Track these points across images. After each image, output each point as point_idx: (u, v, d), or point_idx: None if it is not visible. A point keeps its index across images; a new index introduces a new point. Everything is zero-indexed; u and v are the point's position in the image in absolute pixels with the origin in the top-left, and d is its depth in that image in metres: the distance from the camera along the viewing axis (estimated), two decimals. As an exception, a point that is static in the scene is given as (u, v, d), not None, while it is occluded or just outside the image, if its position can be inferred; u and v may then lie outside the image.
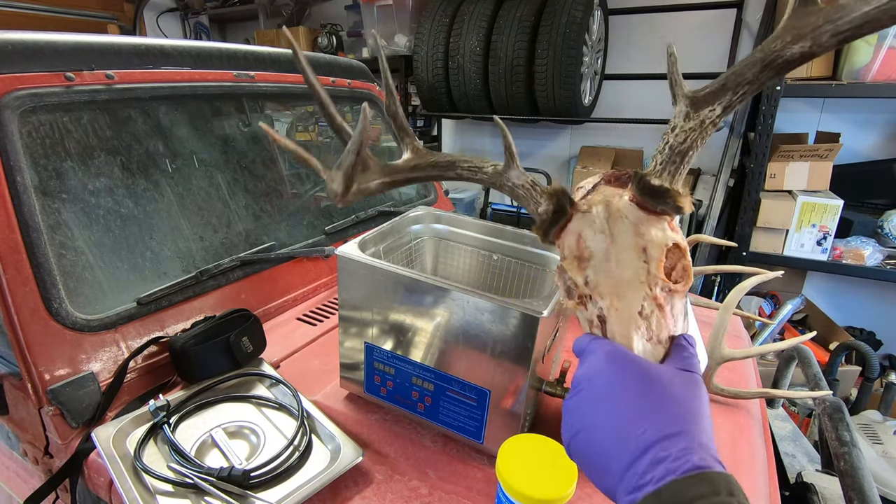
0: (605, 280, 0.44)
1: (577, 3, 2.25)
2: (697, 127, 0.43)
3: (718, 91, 0.42)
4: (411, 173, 0.53)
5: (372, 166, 0.51)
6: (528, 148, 3.29)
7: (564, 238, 0.47)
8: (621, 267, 0.44)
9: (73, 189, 0.82)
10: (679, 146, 0.43)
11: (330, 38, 3.35)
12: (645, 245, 0.44)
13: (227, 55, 1.12)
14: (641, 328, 0.43)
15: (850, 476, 0.77)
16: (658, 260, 0.43)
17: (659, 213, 0.44)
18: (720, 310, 0.82)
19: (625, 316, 0.43)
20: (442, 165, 0.53)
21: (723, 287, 2.41)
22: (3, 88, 0.74)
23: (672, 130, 0.44)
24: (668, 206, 0.42)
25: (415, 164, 0.53)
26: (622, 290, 0.43)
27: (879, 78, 1.92)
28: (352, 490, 0.66)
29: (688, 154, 0.43)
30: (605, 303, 0.44)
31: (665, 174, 0.43)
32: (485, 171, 0.52)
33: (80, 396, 0.73)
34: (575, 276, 0.46)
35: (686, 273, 0.45)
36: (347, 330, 0.75)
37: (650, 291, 0.43)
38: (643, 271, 0.43)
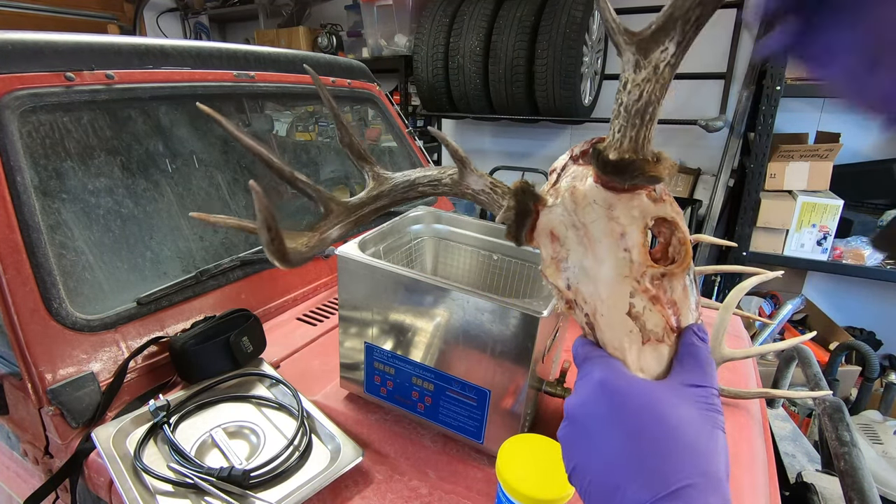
0: (586, 281, 0.39)
1: (577, 3, 2.25)
2: (652, 76, 0.35)
3: (667, 23, 0.34)
4: (376, 203, 0.50)
5: (334, 208, 0.47)
6: (528, 148, 3.29)
7: (538, 238, 0.42)
8: (600, 262, 0.38)
9: (73, 189, 0.82)
10: (634, 104, 0.35)
11: (330, 38, 3.35)
12: (622, 230, 0.37)
13: (227, 55, 1.12)
14: (634, 332, 0.37)
15: (850, 476, 0.77)
16: (640, 245, 0.37)
17: (631, 190, 0.37)
18: (720, 310, 0.82)
19: (613, 322, 0.37)
20: (403, 187, 0.49)
21: (723, 287, 2.41)
22: (3, 88, 0.74)
23: (624, 87, 0.36)
24: (638, 178, 0.36)
25: (377, 192, 0.50)
26: (605, 291, 0.38)
27: (879, 78, 1.92)
28: (352, 490, 0.66)
29: (647, 111, 0.35)
30: (590, 308, 0.39)
31: (626, 142, 0.36)
32: (444, 183, 0.48)
33: (80, 396, 0.73)
34: (555, 280, 0.41)
35: (683, 247, 0.38)
36: (347, 330, 0.75)
37: (638, 284, 0.37)
38: (625, 262, 0.37)
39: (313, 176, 1.49)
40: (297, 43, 3.51)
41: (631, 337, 0.37)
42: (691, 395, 0.34)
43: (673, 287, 0.38)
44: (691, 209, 2.44)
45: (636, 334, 0.37)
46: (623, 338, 0.37)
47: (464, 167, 0.46)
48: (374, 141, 1.76)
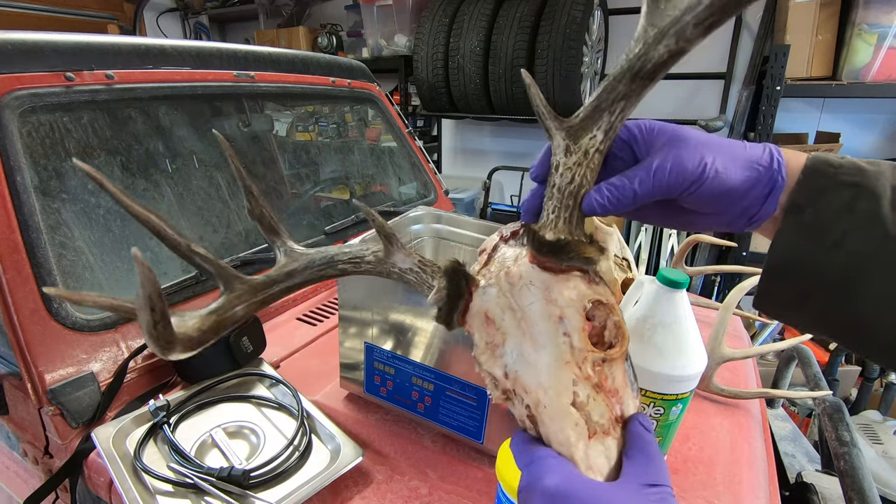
0: (525, 369, 0.36)
1: (577, 3, 2.25)
2: (582, 160, 0.37)
3: (593, 113, 0.37)
4: (286, 282, 0.44)
5: (237, 286, 0.42)
6: (528, 148, 3.29)
7: (471, 321, 0.40)
8: (539, 347, 0.36)
9: (73, 189, 0.82)
10: (567, 186, 0.37)
11: (330, 38, 3.35)
12: (560, 313, 0.36)
13: (227, 55, 1.12)
14: (580, 424, 0.34)
15: (850, 476, 0.77)
16: (579, 329, 0.35)
17: (567, 270, 0.36)
18: (720, 310, 0.82)
19: (556, 413, 0.34)
20: (320, 264, 0.45)
21: (723, 287, 2.41)
22: (3, 88, 0.74)
23: (556, 170, 0.38)
24: (574, 260, 0.36)
25: (289, 270, 0.44)
26: (547, 379, 0.35)
27: (879, 78, 1.92)
28: (352, 490, 0.66)
29: (580, 193, 0.37)
30: (531, 399, 0.36)
31: (560, 223, 0.37)
32: (367, 261, 0.44)
33: (80, 396, 0.73)
34: (491, 368, 0.38)
35: (620, 331, 0.37)
36: (347, 330, 0.75)
37: (580, 371, 0.35)
38: (566, 347, 0.35)
39: (313, 176, 1.49)
40: (297, 43, 3.51)
41: (577, 430, 0.34)
42: (650, 497, 0.32)
43: (613, 374, 0.36)
44: (691, 209, 2.43)
45: (582, 427, 0.34)
46: (569, 431, 0.34)
47: (389, 244, 0.42)
48: (374, 141, 1.76)
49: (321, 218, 1.30)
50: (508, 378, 0.37)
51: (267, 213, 0.46)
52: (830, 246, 0.35)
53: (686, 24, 0.33)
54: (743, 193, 0.37)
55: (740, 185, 0.37)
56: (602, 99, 0.36)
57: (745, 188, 0.37)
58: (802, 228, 0.36)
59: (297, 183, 1.44)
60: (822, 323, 0.38)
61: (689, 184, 0.36)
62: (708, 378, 0.84)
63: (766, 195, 0.37)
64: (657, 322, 0.61)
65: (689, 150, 0.37)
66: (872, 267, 0.34)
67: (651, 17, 0.35)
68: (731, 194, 0.37)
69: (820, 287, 0.36)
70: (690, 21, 0.32)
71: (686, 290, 0.62)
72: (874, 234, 0.33)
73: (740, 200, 0.38)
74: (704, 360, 0.63)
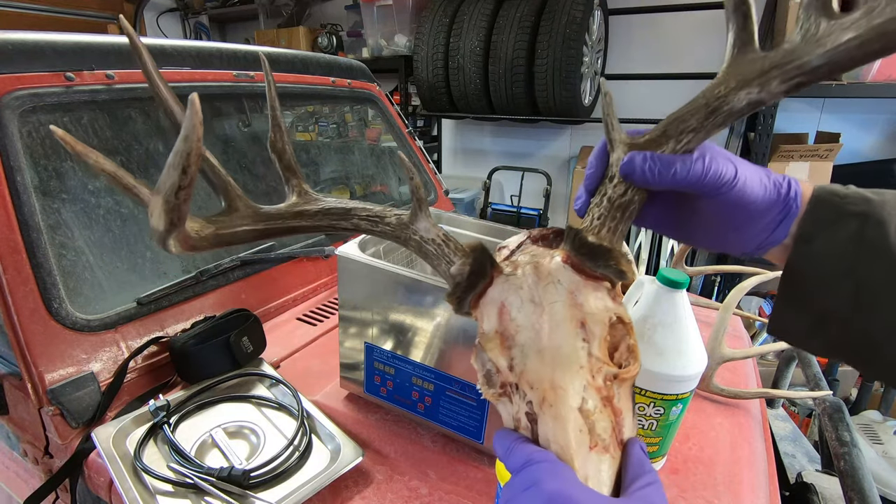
0: (536, 364, 0.35)
1: (577, 3, 2.25)
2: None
3: (660, 138, 0.37)
4: (294, 221, 0.43)
5: (241, 207, 0.41)
6: (528, 148, 3.29)
7: (483, 308, 0.39)
8: (556, 347, 0.34)
9: (73, 189, 0.82)
10: (619, 199, 0.37)
11: (330, 38, 3.35)
12: (583, 318, 0.35)
13: (227, 55, 1.12)
14: (584, 431, 0.33)
15: (850, 476, 0.77)
16: (601, 338, 0.35)
17: (598, 278, 0.36)
18: (720, 310, 0.82)
19: (562, 416, 0.33)
20: (335, 213, 0.43)
21: (723, 287, 2.41)
22: (3, 88, 0.74)
23: (611, 181, 0.38)
24: (610, 269, 0.35)
25: (299, 210, 0.43)
26: (557, 379, 0.34)
27: (879, 78, 1.92)
28: (352, 490, 0.66)
29: (629, 209, 0.37)
30: (536, 395, 0.34)
31: (604, 231, 0.36)
32: (387, 222, 0.43)
33: (80, 396, 0.73)
34: (496, 357, 0.37)
35: (633, 355, 0.36)
36: (347, 330, 0.75)
37: (592, 380, 0.34)
38: (583, 353, 0.34)
39: (313, 176, 1.49)
40: (297, 43, 3.51)
41: (580, 437, 0.33)
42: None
43: (620, 394, 0.35)
44: (691, 209, 2.43)
45: (585, 435, 0.33)
46: (571, 436, 0.33)
47: (419, 209, 0.42)
48: (374, 141, 1.76)
49: (321, 218, 1.30)
50: (514, 371, 0.36)
51: (289, 149, 0.45)
52: (841, 275, 0.36)
53: (772, 77, 0.34)
54: (762, 211, 0.38)
55: (760, 201, 0.38)
56: (671, 127, 0.37)
57: (764, 206, 0.38)
58: (812, 258, 0.37)
59: (297, 183, 1.44)
60: (836, 349, 0.39)
61: (721, 184, 0.37)
62: (708, 378, 0.84)
63: (779, 221, 0.38)
64: (657, 322, 0.61)
65: (723, 157, 0.38)
66: (882, 294, 0.35)
67: (735, 66, 0.36)
68: (751, 209, 0.38)
69: (831, 315, 0.37)
70: (777, 77, 0.33)
71: (686, 290, 0.62)
72: (883, 262, 0.34)
73: (757, 219, 0.38)
74: (704, 360, 0.63)
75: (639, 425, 0.64)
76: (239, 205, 0.41)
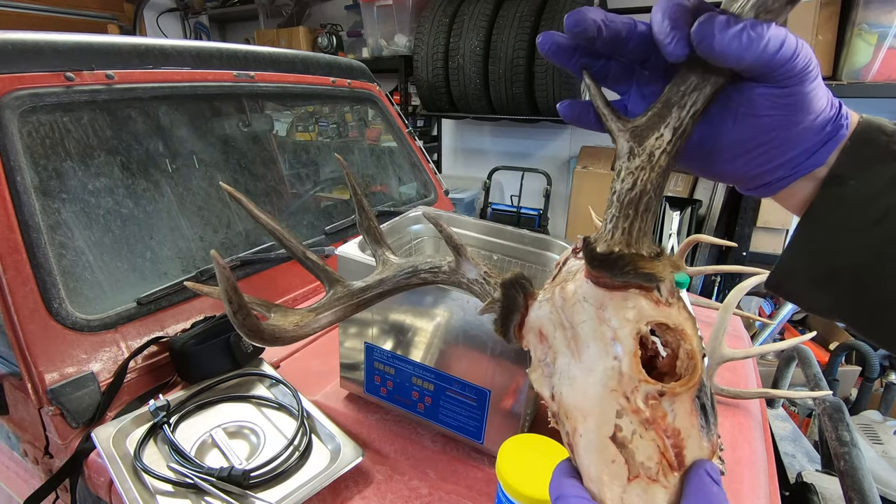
0: (569, 391, 0.33)
1: (576, 4, 2.25)
2: (646, 163, 0.32)
3: (662, 110, 0.33)
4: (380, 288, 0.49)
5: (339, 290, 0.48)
6: (528, 148, 3.29)
7: (526, 337, 0.38)
8: (587, 371, 0.32)
9: (73, 189, 0.82)
10: (627, 194, 0.32)
11: (330, 38, 3.35)
12: (614, 334, 0.32)
13: (227, 55, 1.12)
14: (618, 462, 0.30)
15: (850, 476, 0.77)
16: (632, 353, 0.31)
17: (623, 287, 0.33)
18: (720, 310, 0.82)
19: (592, 445, 0.30)
20: (405, 273, 0.48)
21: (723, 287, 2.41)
22: (3, 88, 0.74)
23: (618, 175, 0.33)
24: (630, 274, 0.31)
25: (382, 278, 0.49)
26: (587, 406, 0.31)
27: (879, 78, 1.92)
28: (352, 490, 0.66)
29: (642, 202, 0.32)
30: (570, 425, 0.32)
31: (617, 234, 0.33)
32: (443, 271, 0.47)
33: (80, 396, 0.73)
34: (541, 388, 0.35)
35: (692, 362, 0.32)
36: (347, 330, 0.75)
37: (627, 402, 0.30)
38: (614, 373, 0.31)
39: (313, 176, 1.49)
40: (297, 43, 3.51)
41: (613, 469, 0.30)
42: None
43: (675, 410, 0.31)
44: (691, 209, 2.44)
45: (620, 466, 0.29)
46: (602, 469, 0.30)
47: (459, 255, 0.45)
48: (374, 141, 1.76)
49: (321, 218, 1.30)
50: (555, 400, 0.34)
51: (374, 225, 0.52)
52: (870, 224, 0.31)
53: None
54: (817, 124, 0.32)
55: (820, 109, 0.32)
56: (672, 92, 0.33)
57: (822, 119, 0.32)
58: (840, 202, 0.32)
59: (297, 183, 1.44)
60: (844, 306, 0.34)
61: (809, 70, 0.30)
62: (708, 378, 0.84)
63: (823, 142, 0.33)
64: (657, 322, 0.61)
65: None
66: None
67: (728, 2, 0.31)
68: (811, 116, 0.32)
69: (850, 266, 0.33)
70: None
71: (686, 290, 0.61)
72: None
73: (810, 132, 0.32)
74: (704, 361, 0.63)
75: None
76: (337, 287, 0.48)
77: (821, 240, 0.34)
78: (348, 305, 0.47)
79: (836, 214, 0.33)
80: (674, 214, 2.45)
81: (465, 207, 3.16)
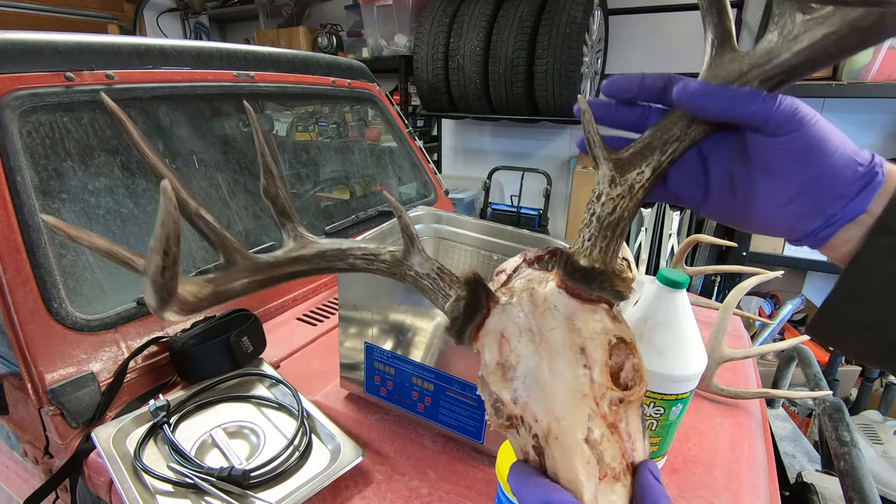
0: (538, 395, 0.34)
1: (577, 3, 2.25)
2: (626, 193, 0.36)
3: (644, 150, 0.36)
4: (291, 267, 0.43)
5: (238, 260, 0.41)
6: (528, 148, 3.29)
7: (483, 340, 0.38)
8: (556, 376, 0.34)
9: (73, 189, 0.82)
10: (608, 217, 0.36)
11: (330, 38, 3.35)
12: (583, 344, 0.34)
13: (227, 55, 1.12)
14: (591, 463, 0.32)
15: (850, 476, 0.77)
16: (602, 363, 0.34)
17: (595, 301, 0.36)
18: (720, 310, 0.82)
19: (568, 448, 0.32)
20: (330, 256, 0.43)
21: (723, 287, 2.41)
22: (3, 88, 0.74)
23: (598, 199, 0.36)
24: (605, 291, 0.35)
25: (296, 255, 0.43)
26: (561, 410, 0.33)
27: (879, 78, 1.92)
28: (352, 490, 0.66)
29: (619, 226, 0.36)
30: (541, 428, 0.34)
31: (595, 252, 0.35)
32: (382, 259, 0.43)
33: (80, 396, 0.73)
34: (500, 390, 0.36)
35: (638, 374, 0.35)
36: (347, 330, 0.75)
37: (597, 407, 0.33)
38: (585, 380, 0.34)
39: (313, 176, 1.49)
40: (297, 43, 3.51)
41: (588, 469, 0.32)
42: None
43: (628, 417, 0.34)
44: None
45: (594, 466, 0.32)
46: (579, 469, 0.32)
47: (411, 245, 0.41)
48: (374, 141, 1.76)
49: (321, 218, 1.30)
50: (517, 404, 0.35)
51: (282, 194, 0.45)
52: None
53: (752, 78, 0.32)
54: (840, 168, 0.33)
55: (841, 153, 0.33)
56: (654, 137, 0.36)
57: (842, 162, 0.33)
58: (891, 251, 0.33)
59: (297, 183, 1.44)
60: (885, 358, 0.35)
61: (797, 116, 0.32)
62: (708, 378, 0.84)
63: (859, 188, 0.33)
64: (657, 322, 0.61)
65: None
66: None
67: (714, 69, 0.34)
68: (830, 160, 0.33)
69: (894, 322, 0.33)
70: (757, 77, 0.32)
71: (686, 290, 0.62)
72: None
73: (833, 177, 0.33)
74: (704, 360, 0.63)
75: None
76: (237, 258, 0.41)
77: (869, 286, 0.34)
78: (252, 281, 0.41)
79: (886, 262, 0.33)
80: (674, 215, 2.45)
81: (465, 207, 3.16)
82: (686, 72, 2.58)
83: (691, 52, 2.58)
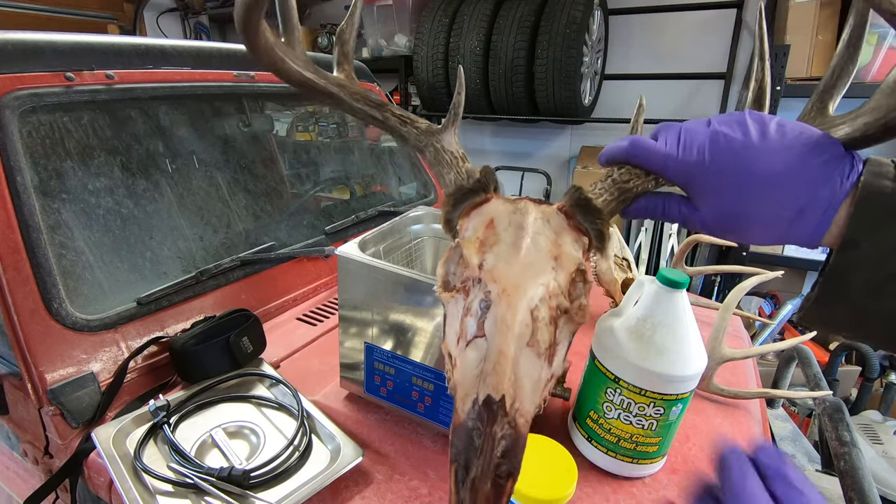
0: (506, 266, 0.39)
1: (577, 3, 2.25)
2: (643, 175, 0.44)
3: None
4: (336, 88, 0.51)
5: (297, 48, 0.50)
6: (528, 148, 3.29)
7: (473, 217, 0.44)
8: (528, 264, 0.39)
9: (73, 189, 0.82)
10: (622, 183, 0.44)
11: (330, 38, 3.35)
12: (559, 255, 0.40)
13: (227, 55, 1.12)
14: (528, 327, 0.37)
15: (850, 476, 0.77)
16: (568, 273, 0.40)
17: (582, 231, 0.42)
18: (720, 310, 0.82)
19: (514, 304, 0.37)
20: (372, 101, 0.51)
21: (723, 287, 2.41)
22: (3, 88, 0.74)
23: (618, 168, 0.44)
24: (594, 225, 0.42)
25: (343, 83, 0.52)
26: (521, 281, 0.38)
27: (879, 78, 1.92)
28: (352, 490, 0.66)
29: (626, 194, 0.43)
30: (497, 287, 0.38)
31: (601, 199, 0.43)
32: (417, 125, 0.50)
33: (80, 396, 0.73)
34: (471, 255, 0.41)
35: (582, 312, 0.40)
36: (347, 330, 0.75)
37: (549, 299, 0.38)
38: (550, 276, 0.39)
39: (313, 176, 1.49)
40: (297, 43, 3.51)
41: (523, 329, 0.37)
42: None
43: (562, 330, 0.39)
44: (691, 209, 2.43)
45: (528, 329, 0.37)
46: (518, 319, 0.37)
47: (452, 124, 0.49)
48: (374, 141, 1.76)
49: (321, 218, 1.30)
50: (482, 268, 0.40)
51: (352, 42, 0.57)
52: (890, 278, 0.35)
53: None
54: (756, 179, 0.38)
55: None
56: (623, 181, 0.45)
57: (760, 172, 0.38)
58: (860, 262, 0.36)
59: (297, 183, 1.44)
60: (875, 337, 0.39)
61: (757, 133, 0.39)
62: (708, 378, 0.84)
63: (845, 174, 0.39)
64: (657, 322, 0.61)
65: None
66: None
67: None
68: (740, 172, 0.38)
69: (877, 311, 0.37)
70: None
71: (686, 290, 0.62)
72: None
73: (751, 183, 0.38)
74: (704, 360, 0.63)
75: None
76: (297, 46, 0.50)
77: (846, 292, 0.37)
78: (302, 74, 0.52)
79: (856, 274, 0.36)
80: (674, 214, 2.44)
81: (465, 207, 3.16)
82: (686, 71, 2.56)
83: (691, 51, 2.58)
